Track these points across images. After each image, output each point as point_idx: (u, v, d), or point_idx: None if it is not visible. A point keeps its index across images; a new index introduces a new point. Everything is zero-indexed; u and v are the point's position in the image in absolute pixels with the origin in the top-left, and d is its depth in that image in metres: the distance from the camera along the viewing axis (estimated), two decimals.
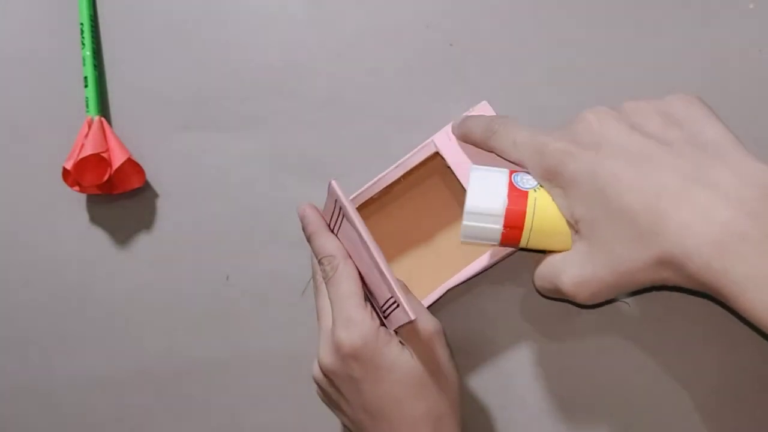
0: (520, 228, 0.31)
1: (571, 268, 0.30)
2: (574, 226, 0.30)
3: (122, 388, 0.42)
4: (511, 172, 0.33)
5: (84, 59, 0.42)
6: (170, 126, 0.42)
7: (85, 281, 0.42)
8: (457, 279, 0.37)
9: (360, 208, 0.38)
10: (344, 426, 0.40)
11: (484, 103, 0.38)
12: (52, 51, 0.43)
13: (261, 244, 0.41)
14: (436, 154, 0.38)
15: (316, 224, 0.36)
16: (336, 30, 0.41)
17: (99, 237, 0.42)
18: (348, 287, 0.33)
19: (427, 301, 0.37)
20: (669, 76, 0.39)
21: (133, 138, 0.42)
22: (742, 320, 0.25)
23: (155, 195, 0.42)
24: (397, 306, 0.32)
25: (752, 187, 0.25)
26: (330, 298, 0.34)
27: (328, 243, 0.35)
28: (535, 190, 0.31)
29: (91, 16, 0.42)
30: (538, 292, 0.34)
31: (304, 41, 0.41)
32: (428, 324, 0.33)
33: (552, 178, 0.30)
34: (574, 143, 0.29)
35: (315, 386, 0.37)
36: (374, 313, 0.33)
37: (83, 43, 0.42)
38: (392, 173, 0.38)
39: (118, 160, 0.40)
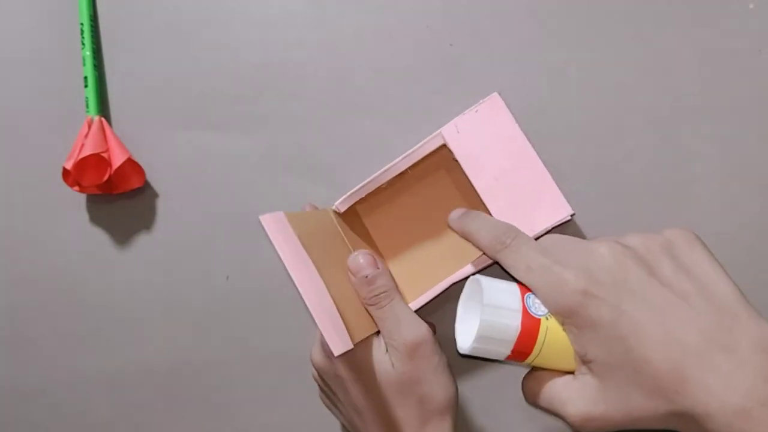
0: (528, 354, 0.31)
1: (579, 402, 0.30)
2: (584, 362, 0.30)
3: (122, 387, 0.42)
4: (523, 293, 0.31)
5: (84, 59, 0.42)
6: (170, 126, 0.42)
7: (85, 281, 0.42)
8: (460, 275, 0.37)
9: (366, 199, 0.39)
10: (343, 427, 0.41)
11: (495, 95, 0.37)
12: (52, 51, 0.43)
13: (261, 244, 0.41)
14: (444, 146, 0.38)
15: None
16: (336, 30, 0.41)
17: (99, 237, 0.42)
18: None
19: (431, 294, 0.37)
20: (669, 76, 0.39)
21: (133, 138, 0.42)
22: None
23: (155, 195, 0.42)
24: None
25: (764, 354, 0.27)
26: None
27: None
28: (546, 318, 0.31)
29: (91, 16, 0.42)
30: (528, 402, 0.33)
31: (304, 41, 0.41)
32: (411, 333, 0.34)
33: (569, 317, 0.30)
34: (595, 284, 0.29)
35: (317, 388, 0.38)
36: None
37: (83, 43, 0.42)
38: (400, 164, 0.38)
39: (118, 160, 0.40)
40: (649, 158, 0.39)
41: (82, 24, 0.42)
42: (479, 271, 0.37)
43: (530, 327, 0.30)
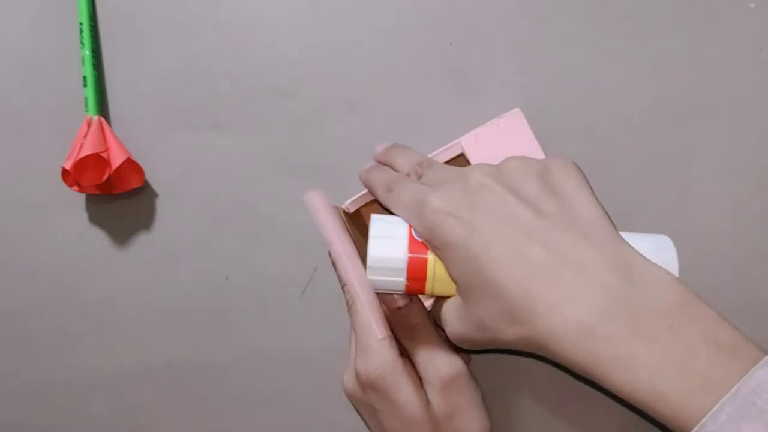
0: (424, 280, 0.31)
1: (452, 321, 0.30)
2: (454, 283, 0.30)
3: (122, 387, 0.42)
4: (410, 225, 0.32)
5: (83, 59, 0.42)
6: (170, 126, 0.42)
7: (85, 281, 0.42)
8: None
9: (375, 202, 0.38)
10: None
11: (518, 110, 0.37)
12: (51, 51, 0.43)
13: (261, 244, 0.41)
14: (461, 155, 0.38)
15: (339, 249, 0.36)
16: (336, 30, 0.41)
17: (99, 237, 0.42)
18: (365, 317, 0.33)
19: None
20: (669, 76, 0.39)
21: (133, 138, 0.42)
22: (613, 396, 0.26)
23: (155, 195, 0.42)
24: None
25: (616, 271, 0.26)
26: (353, 326, 0.34)
27: (347, 270, 0.35)
28: None
29: (90, 15, 0.42)
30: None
31: (304, 41, 0.41)
32: (445, 367, 0.33)
33: (429, 239, 0.30)
34: (452, 204, 0.29)
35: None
36: (394, 342, 0.33)
37: (82, 43, 0.42)
38: None
39: (117, 160, 0.40)
40: (649, 158, 0.39)
41: (81, 23, 0.42)
42: None
43: (418, 252, 0.31)
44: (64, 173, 0.40)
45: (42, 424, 0.42)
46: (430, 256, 0.31)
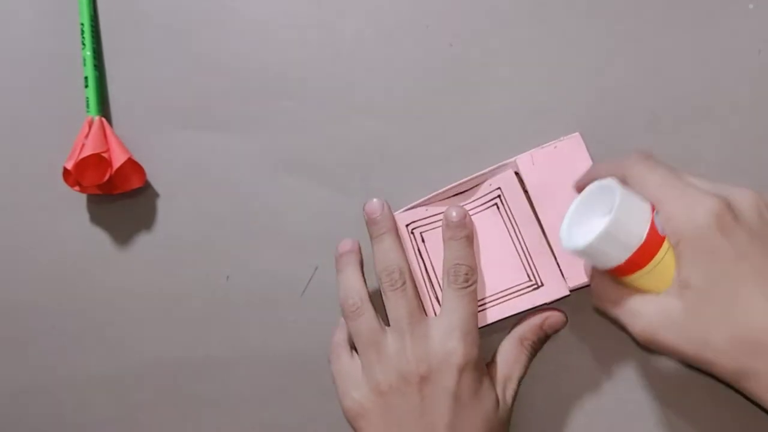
0: (639, 267, 0.30)
1: (654, 321, 0.29)
2: (681, 287, 0.29)
3: (122, 387, 0.42)
4: (652, 208, 0.31)
5: (84, 59, 0.42)
6: (170, 126, 0.42)
7: (86, 281, 0.42)
8: (503, 312, 0.37)
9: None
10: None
11: (577, 135, 0.37)
12: (52, 51, 0.43)
13: (261, 244, 0.41)
14: (508, 170, 0.38)
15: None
16: (336, 30, 0.41)
17: (99, 237, 0.42)
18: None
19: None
20: (669, 76, 0.39)
21: (134, 138, 0.42)
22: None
23: (155, 195, 0.42)
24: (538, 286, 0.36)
25: None
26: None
27: (467, 250, 0.36)
28: (667, 240, 0.30)
29: (91, 16, 0.42)
30: (595, 303, 0.33)
31: (304, 41, 0.41)
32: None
33: (691, 238, 0.29)
34: (731, 213, 0.28)
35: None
36: None
37: (84, 44, 0.42)
38: (466, 183, 0.38)
39: (118, 160, 0.40)
40: None
41: (82, 24, 0.42)
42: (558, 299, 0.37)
43: (653, 241, 0.29)
44: (66, 173, 0.40)
45: (42, 423, 0.42)
46: (660, 253, 0.29)
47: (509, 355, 0.36)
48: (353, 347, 0.37)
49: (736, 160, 0.38)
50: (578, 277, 0.35)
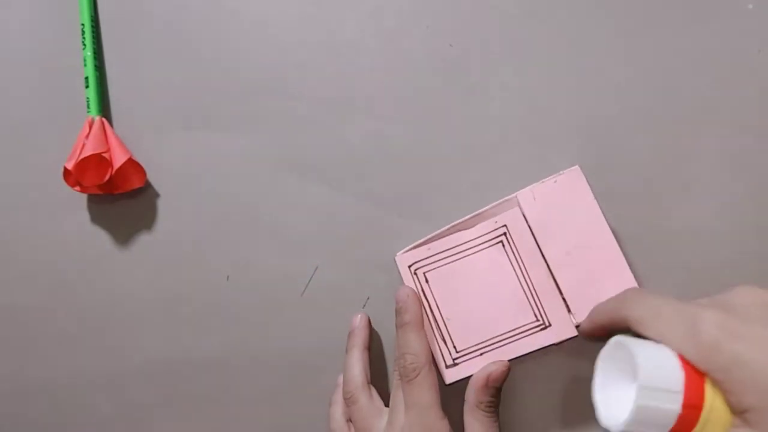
0: (700, 408, 0.26)
1: None
2: (740, 413, 0.26)
3: (122, 387, 0.42)
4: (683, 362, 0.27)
5: (85, 60, 0.42)
6: (171, 126, 0.42)
7: (86, 281, 0.42)
8: (514, 352, 0.36)
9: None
10: None
11: (577, 168, 0.36)
12: (53, 51, 0.43)
13: (261, 244, 0.41)
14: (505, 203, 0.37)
15: (414, 315, 0.36)
16: (336, 30, 0.41)
17: (99, 237, 0.42)
18: (431, 396, 0.34)
19: (469, 368, 0.36)
20: (669, 76, 0.39)
21: (134, 138, 0.42)
22: None
23: (156, 195, 0.42)
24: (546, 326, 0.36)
25: None
26: (406, 399, 0.35)
27: (418, 341, 0.36)
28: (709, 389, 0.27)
29: (91, 16, 0.42)
30: None
31: (304, 41, 0.41)
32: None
33: (711, 359, 0.26)
34: (732, 319, 0.26)
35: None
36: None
37: (84, 44, 0.42)
38: (469, 222, 0.38)
39: (118, 160, 0.40)
40: (649, 158, 0.39)
41: (82, 24, 0.42)
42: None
43: (693, 372, 0.27)
44: (66, 173, 0.40)
45: (43, 423, 0.42)
46: (708, 386, 0.26)
47: (477, 427, 0.35)
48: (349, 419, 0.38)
49: (736, 160, 0.38)
50: (586, 313, 0.35)
